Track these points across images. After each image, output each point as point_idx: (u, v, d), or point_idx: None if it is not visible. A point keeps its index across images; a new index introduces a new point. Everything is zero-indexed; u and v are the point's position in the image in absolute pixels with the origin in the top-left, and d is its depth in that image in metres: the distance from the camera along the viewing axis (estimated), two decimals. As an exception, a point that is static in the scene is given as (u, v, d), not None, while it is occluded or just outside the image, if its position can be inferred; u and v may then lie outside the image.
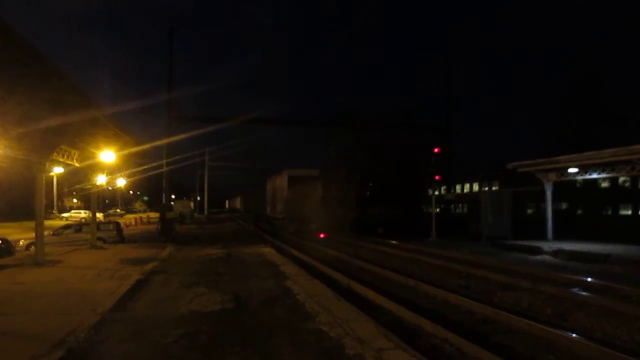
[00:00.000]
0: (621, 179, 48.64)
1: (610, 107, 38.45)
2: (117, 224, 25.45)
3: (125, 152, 18.95)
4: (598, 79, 38.55)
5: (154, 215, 54.45)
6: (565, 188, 33.31)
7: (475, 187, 67.24)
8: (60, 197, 69.85)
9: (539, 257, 17.47)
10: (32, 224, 16.29)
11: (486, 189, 61.47)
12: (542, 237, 22.02)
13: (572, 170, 21.27)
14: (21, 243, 20.63)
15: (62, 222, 40.54)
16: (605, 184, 49.08)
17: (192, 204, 71.61)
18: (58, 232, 21.90)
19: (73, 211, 63.77)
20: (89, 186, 22.80)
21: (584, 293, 9.98)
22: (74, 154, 18.64)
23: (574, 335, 6.95)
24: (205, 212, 72.69)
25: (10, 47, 8.08)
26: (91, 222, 20.58)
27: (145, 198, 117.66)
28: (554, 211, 23.84)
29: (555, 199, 24.25)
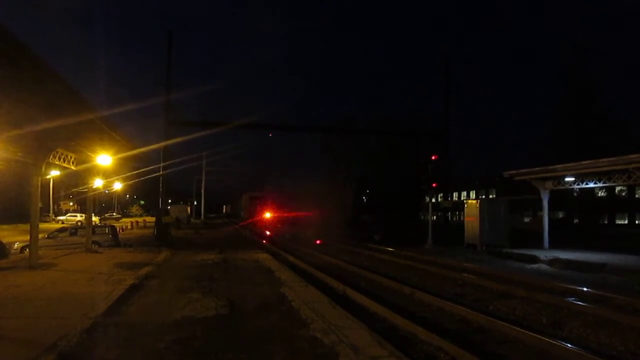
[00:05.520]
0: (618, 189, 48.87)
1: (607, 113, 38.53)
2: (113, 227, 25.35)
3: (122, 155, 18.88)
4: (595, 85, 38.65)
5: (151, 219, 54.27)
6: (562, 197, 33.41)
7: (472, 195, 67.40)
8: (56, 200, 69.70)
9: (535, 266, 17.45)
10: (27, 226, 16.19)
11: (483, 197, 61.61)
12: (539, 245, 22.03)
13: (568, 179, 21.33)
14: (16, 246, 20.53)
15: (58, 225, 40.44)
16: (602, 193, 49.23)
17: (188, 209, 71.45)
18: (53, 235, 21.78)
19: (69, 214, 63.62)
20: (85, 189, 22.71)
21: (579, 302, 9.94)
22: (71, 157, 18.60)
23: (569, 344, 6.91)
24: (202, 216, 72.49)
25: (5, 48, 8.05)
26: (86, 226, 20.48)
27: (142, 202, 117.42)
28: (551, 220, 23.87)
29: (552, 208, 24.31)
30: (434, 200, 30.05)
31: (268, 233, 39.69)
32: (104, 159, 17.97)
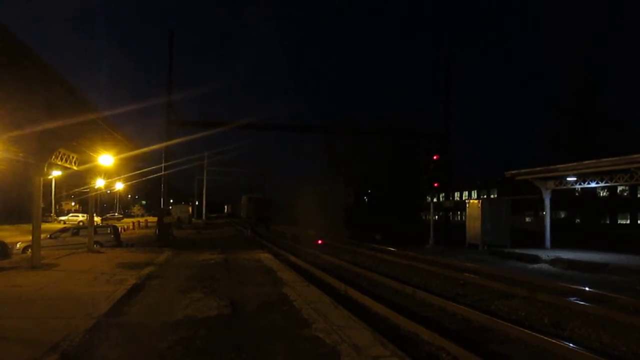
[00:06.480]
0: (620, 188, 48.79)
1: (608, 113, 38.49)
2: (115, 227, 25.37)
3: (124, 155, 18.91)
4: (596, 85, 38.57)
5: (152, 219, 54.34)
6: (563, 197, 33.37)
7: (474, 195, 67.38)
8: (58, 200, 69.80)
9: (536, 266, 17.44)
10: (29, 226, 16.22)
11: (484, 196, 61.56)
12: (540, 245, 22.02)
13: (570, 178, 21.30)
14: (18, 246, 20.53)
15: (60, 226, 40.51)
16: (604, 193, 49.18)
17: (190, 209, 71.56)
18: (55, 235, 21.80)
19: (71, 214, 63.73)
20: (87, 190, 22.76)
21: (581, 302, 9.93)
22: (73, 157, 18.64)
23: (571, 344, 6.91)
24: (204, 216, 72.54)
25: (8, 50, 8.07)
26: (88, 226, 20.51)
27: (144, 202, 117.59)
28: (553, 219, 23.84)
29: (553, 208, 24.28)
30: (435, 200, 30.04)
31: (268, 233, 39.72)
32: (106, 159, 18.00)
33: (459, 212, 55.20)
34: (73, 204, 78.09)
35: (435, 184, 26.76)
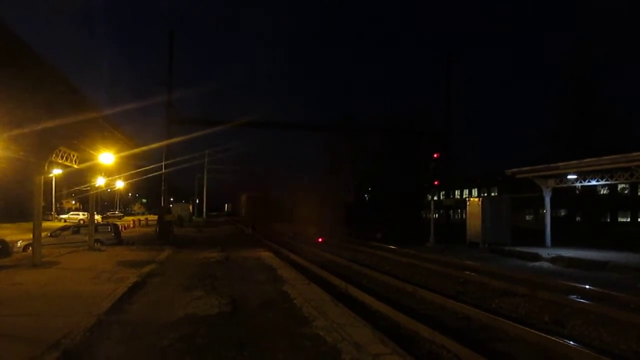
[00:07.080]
0: (620, 186, 48.66)
1: (608, 112, 38.34)
2: (115, 226, 25.40)
3: (124, 154, 18.91)
4: (594, 84, 38.42)
5: (153, 217, 54.40)
6: (564, 195, 33.30)
7: (474, 193, 67.33)
8: (58, 198, 69.81)
9: (537, 264, 17.45)
10: (30, 225, 16.23)
11: (485, 194, 61.54)
12: (541, 243, 22.02)
13: (571, 176, 21.30)
14: (19, 244, 20.56)
15: (60, 224, 40.50)
16: (604, 191, 49.07)
17: (190, 207, 71.65)
18: (56, 233, 21.84)
19: (71, 213, 63.75)
20: (88, 188, 22.76)
21: (582, 300, 9.96)
22: (73, 155, 18.64)
23: (571, 342, 6.92)
24: (204, 215, 72.61)
25: (7, 48, 8.07)
26: (89, 224, 20.53)
27: (144, 200, 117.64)
28: (553, 218, 23.83)
29: (554, 206, 24.28)
30: (435, 198, 30.03)
31: (269, 231, 39.74)
32: (106, 157, 17.99)
33: (459, 210, 55.22)
34: (73, 202, 78.18)
35: (436, 182, 26.75)
